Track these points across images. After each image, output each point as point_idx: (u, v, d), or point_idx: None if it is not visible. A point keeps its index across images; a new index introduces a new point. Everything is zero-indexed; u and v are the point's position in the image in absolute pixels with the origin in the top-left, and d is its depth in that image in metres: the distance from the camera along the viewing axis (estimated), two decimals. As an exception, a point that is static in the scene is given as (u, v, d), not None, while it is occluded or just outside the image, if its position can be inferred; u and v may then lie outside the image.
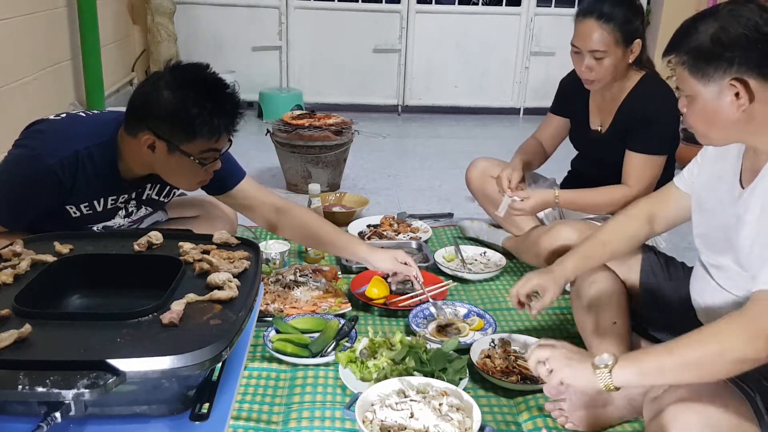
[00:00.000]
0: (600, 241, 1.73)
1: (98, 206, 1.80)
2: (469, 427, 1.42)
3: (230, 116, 1.67)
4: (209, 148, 1.67)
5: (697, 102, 1.32)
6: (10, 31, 2.89)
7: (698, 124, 1.35)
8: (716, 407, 1.24)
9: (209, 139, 1.64)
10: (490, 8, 5.66)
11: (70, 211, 1.77)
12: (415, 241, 2.61)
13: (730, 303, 1.45)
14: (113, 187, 1.79)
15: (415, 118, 5.32)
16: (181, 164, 1.67)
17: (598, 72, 2.12)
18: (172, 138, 1.62)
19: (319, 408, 1.65)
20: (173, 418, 1.01)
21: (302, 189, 3.32)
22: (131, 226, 1.95)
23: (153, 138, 1.62)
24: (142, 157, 1.68)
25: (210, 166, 1.71)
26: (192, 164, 1.66)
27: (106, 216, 1.85)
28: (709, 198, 1.50)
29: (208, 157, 1.68)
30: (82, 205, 1.76)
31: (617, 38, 2.07)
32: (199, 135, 1.62)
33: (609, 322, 1.75)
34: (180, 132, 1.61)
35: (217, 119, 1.63)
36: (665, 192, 1.70)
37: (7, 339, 0.97)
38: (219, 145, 1.69)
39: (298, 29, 5.17)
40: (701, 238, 1.53)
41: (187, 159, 1.65)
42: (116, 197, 1.82)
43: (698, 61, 1.28)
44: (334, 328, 1.91)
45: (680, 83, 1.34)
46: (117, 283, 1.27)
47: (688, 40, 1.30)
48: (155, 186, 1.91)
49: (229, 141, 1.75)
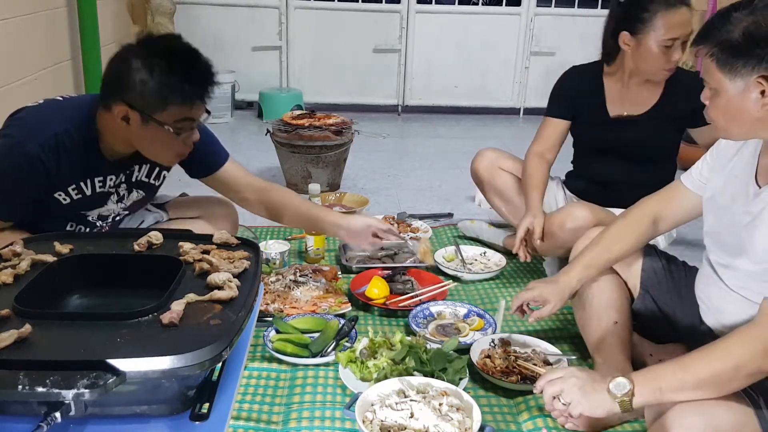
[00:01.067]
0: (604, 247, 1.72)
1: (86, 189, 1.78)
2: (469, 427, 1.42)
3: (202, 83, 1.64)
4: (183, 117, 1.64)
5: (721, 96, 1.29)
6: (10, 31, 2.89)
7: (720, 118, 1.33)
8: (719, 409, 1.24)
9: (182, 106, 1.61)
10: (490, 8, 5.67)
11: (60, 199, 1.75)
12: (415, 241, 2.61)
13: (738, 303, 1.44)
14: (98, 168, 1.77)
15: (415, 118, 5.32)
16: (157, 135, 1.64)
17: (681, 57, 2.12)
18: (145, 107, 1.60)
19: (319, 408, 1.65)
20: (173, 418, 1.01)
21: (302, 189, 3.32)
22: (126, 214, 1.94)
23: (126, 109, 1.61)
24: (119, 131, 1.67)
25: (186, 136, 1.68)
26: (167, 134, 1.64)
27: (98, 201, 1.83)
28: (722, 196, 1.48)
29: (183, 127, 1.65)
30: (70, 189, 1.75)
31: None
32: (171, 102, 1.60)
33: (610, 322, 1.74)
34: (151, 100, 1.59)
35: (189, 85, 1.61)
36: (672, 190, 1.68)
37: (7, 339, 0.97)
38: (193, 114, 1.66)
39: (298, 29, 5.17)
40: (711, 237, 1.52)
41: (161, 129, 1.63)
42: (103, 179, 1.80)
43: (727, 55, 1.25)
44: (334, 328, 1.91)
45: (706, 75, 1.31)
46: (117, 283, 1.26)
47: (719, 31, 1.26)
48: (143, 167, 1.89)
49: (206, 111, 1.72)
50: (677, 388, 1.25)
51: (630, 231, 1.71)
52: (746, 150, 1.45)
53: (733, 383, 1.23)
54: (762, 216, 1.34)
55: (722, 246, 1.48)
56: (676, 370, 1.26)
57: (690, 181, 1.62)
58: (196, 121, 1.69)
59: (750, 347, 1.21)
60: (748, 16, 1.23)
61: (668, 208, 1.67)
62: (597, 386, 1.32)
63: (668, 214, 1.67)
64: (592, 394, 1.32)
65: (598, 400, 1.31)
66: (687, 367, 1.25)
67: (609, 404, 1.29)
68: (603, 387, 1.30)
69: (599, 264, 1.73)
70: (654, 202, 1.71)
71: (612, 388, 1.28)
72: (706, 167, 1.57)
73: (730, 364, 1.21)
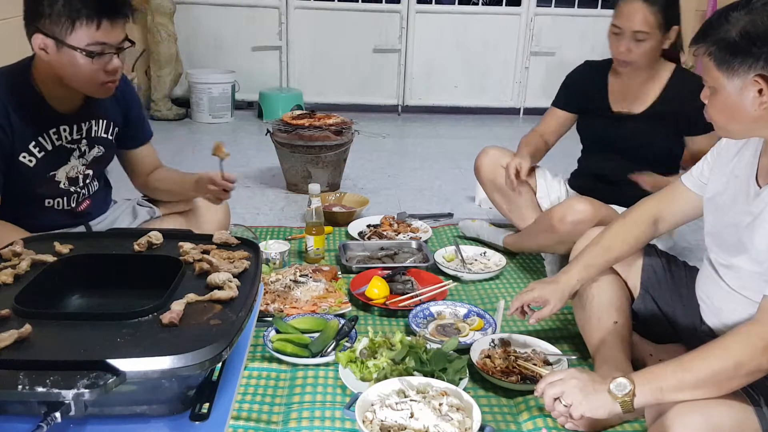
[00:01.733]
0: (604, 247, 1.72)
1: (47, 144, 1.81)
2: (469, 427, 1.42)
3: None
4: (96, 41, 1.65)
5: (719, 94, 1.30)
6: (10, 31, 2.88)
7: (719, 116, 1.34)
8: (719, 407, 1.24)
9: (89, 25, 1.63)
10: (490, 8, 5.67)
11: (26, 162, 1.78)
12: (415, 241, 2.61)
13: (738, 303, 1.44)
14: (50, 120, 1.81)
15: (415, 118, 5.32)
16: (72, 61, 1.66)
17: (635, 54, 2.15)
18: (56, 32, 1.63)
19: (319, 408, 1.65)
20: (173, 418, 1.01)
21: (302, 189, 3.32)
22: (87, 172, 1.95)
23: (41, 37, 1.65)
24: (45, 68, 1.71)
25: (103, 61, 1.68)
26: (82, 59, 1.65)
27: (61, 157, 1.86)
28: (723, 196, 1.48)
29: (95, 50, 1.66)
30: (31, 147, 1.78)
31: (660, 21, 2.10)
32: (77, 20, 1.61)
33: (610, 322, 1.75)
34: (59, 22, 1.62)
35: (93, 1, 1.62)
36: (672, 191, 1.68)
37: (7, 339, 0.97)
38: (105, 37, 1.66)
39: (298, 29, 5.17)
40: (712, 237, 1.52)
41: (75, 54, 1.64)
42: (57, 130, 1.82)
43: (725, 54, 1.26)
44: (334, 328, 1.91)
45: (705, 74, 1.32)
46: (117, 283, 1.26)
47: (717, 30, 1.27)
48: (101, 122, 1.93)
49: (128, 40, 1.74)
50: (678, 387, 1.25)
51: (630, 231, 1.70)
52: (747, 150, 1.45)
53: (733, 382, 1.23)
54: (763, 216, 1.34)
55: (723, 246, 1.48)
56: (676, 369, 1.26)
57: (690, 182, 1.62)
58: (112, 46, 1.69)
59: (750, 345, 1.21)
60: (745, 15, 1.23)
61: (668, 208, 1.67)
62: (598, 387, 1.33)
63: (668, 215, 1.67)
64: (593, 395, 1.32)
65: (599, 401, 1.31)
66: (687, 367, 1.25)
67: (610, 405, 1.30)
68: (604, 388, 1.31)
69: (599, 264, 1.73)
70: (654, 202, 1.71)
71: (613, 388, 1.29)
72: (706, 167, 1.57)
73: (730, 363, 1.21)
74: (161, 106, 4.93)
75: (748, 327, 1.25)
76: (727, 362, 1.21)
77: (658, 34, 2.13)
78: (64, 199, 1.92)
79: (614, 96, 2.34)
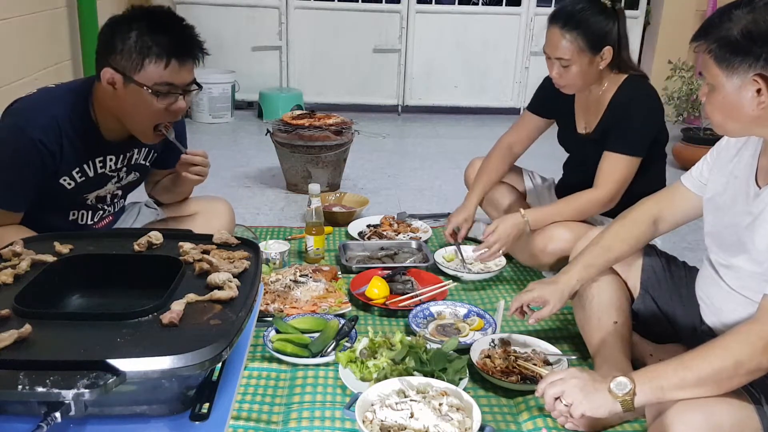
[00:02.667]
0: (604, 247, 1.72)
1: (89, 171, 1.82)
2: (469, 427, 1.42)
3: (179, 38, 1.68)
4: (163, 82, 1.66)
5: (717, 92, 1.30)
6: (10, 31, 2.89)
7: (716, 114, 1.33)
8: (720, 406, 1.24)
9: (158, 63, 1.64)
10: (490, 8, 5.66)
11: (65, 184, 1.79)
12: (415, 241, 2.61)
13: (738, 303, 1.44)
14: (98, 148, 1.81)
15: (415, 118, 5.32)
16: (137, 98, 1.67)
17: (566, 78, 2.12)
18: (126, 68, 1.65)
19: (319, 408, 1.65)
20: (173, 418, 1.01)
21: (302, 189, 3.32)
22: (117, 192, 1.97)
23: (110, 72, 1.66)
24: (108, 101, 1.71)
25: (168, 102, 1.70)
26: (147, 97, 1.67)
27: (99, 183, 1.87)
28: (722, 197, 1.48)
29: (161, 90, 1.67)
30: (74, 172, 1.79)
31: (581, 46, 2.05)
32: (147, 58, 1.63)
33: (610, 322, 1.75)
34: (130, 58, 1.64)
35: (165, 40, 1.65)
36: (672, 191, 1.68)
37: (7, 339, 0.97)
38: (174, 78, 1.68)
39: (298, 29, 5.17)
40: (712, 238, 1.52)
41: (141, 91, 1.66)
42: (103, 159, 1.84)
43: (725, 52, 1.25)
44: (334, 328, 1.91)
45: (704, 71, 1.32)
46: (117, 283, 1.26)
47: (719, 28, 1.27)
48: (142, 150, 1.94)
49: (196, 84, 1.75)
50: (678, 386, 1.26)
51: (630, 231, 1.71)
52: (746, 151, 1.45)
53: (733, 380, 1.24)
54: (762, 216, 1.34)
55: (723, 246, 1.48)
56: (677, 368, 1.27)
57: (690, 182, 1.62)
58: (179, 88, 1.70)
59: (750, 344, 1.22)
60: (748, 14, 1.23)
61: (668, 208, 1.67)
62: (598, 386, 1.33)
63: (668, 215, 1.68)
64: (594, 395, 1.33)
65: (599, 400, 1.32)
66: (687, 365, 1.25)
67: (611, 404, 1.30)
68: (604, 387, 1.31)
69: (599, 264, 1.73)
70: (654, 202, 1.71)
71: (613, 387, 1.29)
72: (706, 168, 1.57)
73: (730, 362, 1.22)
74: (161, 106, 4.93)
75: (749, 326, 1.25)
76: (728, 361, 1.22)
77: (584, 58, 2.06)
78: (89, 213, 1.94)
79: (578, 114, 2.30)
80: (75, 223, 1.92)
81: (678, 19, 5.23)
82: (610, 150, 2.12)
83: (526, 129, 2.47)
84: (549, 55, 2.11)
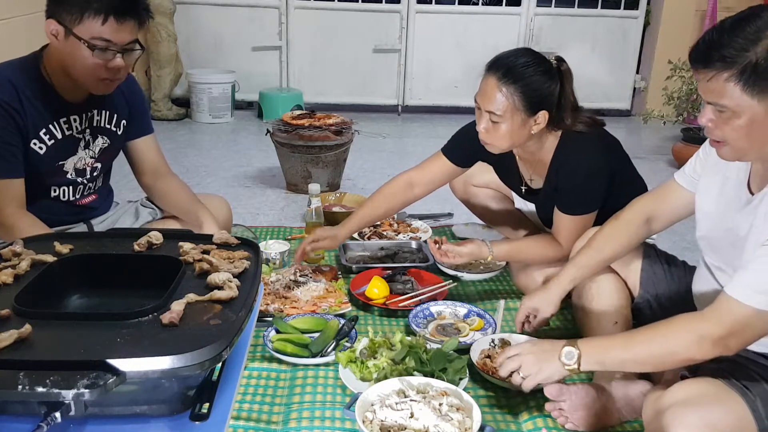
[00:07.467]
0: (597, 248, 1.73)
1: (57, 132, 1.84)
2: (469, 427, 1.42)
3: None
4: (99, 36, 1.68)
5: (742, 117, 1.22)
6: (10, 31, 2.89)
7: (741, 141, 1.25)
8: (716, 408, 1.25)
9: (95, 18, 1.66)
10: (490, 8, 5.67)
11: (36, 149, 1.81)
12: (415, 241, 2.61)
13: None
14: (60, 110, 1.84)
15: (415, 118, 5.32)
16: (76, 50, 1.70)
17: (492, 136, 1.89)
18: (66, 21, 1.68)
19: (319, 408, 1.65)
20: (173, 418, 1.01)
21: (302, 189, 3.32)
22: (95, 165, 1.98)
23: (54, 23, 1.69)
24: (55, 54, 1.75)
25: (105, 57, 1.71)
26: (85, 51, 1.69)
27: (69, 148, 1.89)
28: (715, 199, 1.47)
29: (98, 45, 1.69)
30: (42, 134, 1.81)
31: (516, 105, 1.83)
32: (86, 11, 1.66)
33: (610, 322, 1.75)
34: (71, 11, 1.67)
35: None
36: (665, 189, 1.67)
37: (7, 339, 0.97)
38: (111, 35, 1.69)
39: (298, 29, 5.17)
40: (705, 241, 1.51)
41: (79, 44, 1.68)
42: (68, 120, 1.86)
43: (753, 77, 1.18)
44: (334, 328, 1.91)
45: (719, 97, 1.22)
46: (117, 283, 1.26)
47: (738, 54, 1.18)
48: (103, 112, 1.96)
49: (138, 44, 1.77)
50: (617, 365, 1.44)
51: (622, 231, 1.71)
52: None
53: (667, 365, 1.41)
54: (754, 223, 1.34)
55: (716, 250, 1.48)
56: (619, 345, 1.38)
57: (683, 179, 1.60)
58: (117, 45, 1.72)
59: (686, 338, 1.29)
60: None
61: (661, 206, 1.66)
62: (550, 357, 1.44)
63: (661, 213, 1.67)
64: (546, 364, 1.44)
65: (551, 369, 1.44)
66: (629, 348, 1.35)
67: (561, 370, 1.43)
68: (555, 356, 1.42)
69: (591, 264, 1.74)
70: (647, 201, 1.71)
71: (564, 358, 1.41)
72: (699, 164, 1.56)
73: (666, 350, 1.31)
74: (161, 106, 4.93)
75: (691, 319, 1.31)
76: (664, 349, 1.32)
77: (516, 118, 1.84)
78: (70, 189, 1.95)
79: (522, 166, 2.14)
80: (57, 199, 1.93)
81: (678, 19, 5.23)
82: (561, 211, 1.98)
83: (432, 172, 2.24)
84: (480, 105, 1.89)
